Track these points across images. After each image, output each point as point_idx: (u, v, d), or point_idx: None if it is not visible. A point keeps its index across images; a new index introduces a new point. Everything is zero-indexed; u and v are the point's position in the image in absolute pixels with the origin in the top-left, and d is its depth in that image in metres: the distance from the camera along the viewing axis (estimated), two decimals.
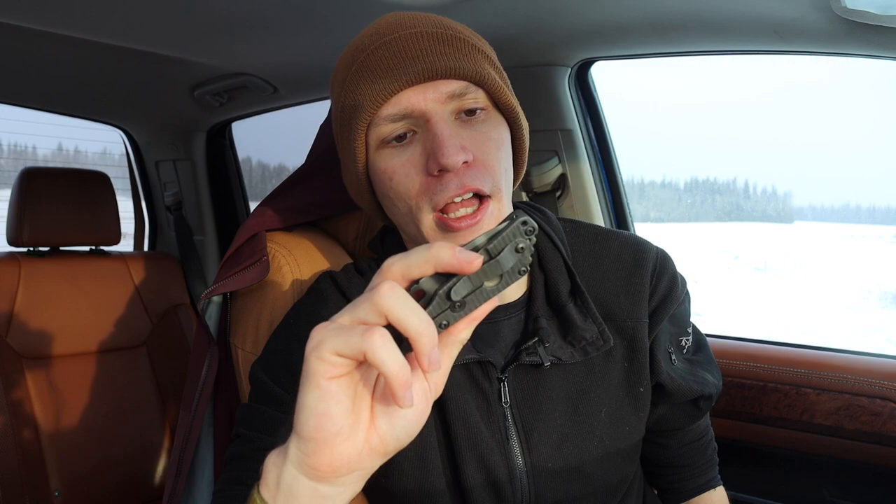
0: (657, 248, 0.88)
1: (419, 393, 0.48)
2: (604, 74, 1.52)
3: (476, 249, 0.48)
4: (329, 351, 0.45)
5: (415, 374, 0.47)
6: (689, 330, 0.90)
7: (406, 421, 0.48)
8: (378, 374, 0.48)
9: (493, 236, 0.48)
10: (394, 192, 0.74)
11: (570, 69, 1.43)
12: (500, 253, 0.48)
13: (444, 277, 0.47)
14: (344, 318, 0.46)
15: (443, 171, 0.70)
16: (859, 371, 1.21)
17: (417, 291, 0.47)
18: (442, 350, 0.48)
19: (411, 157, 0.72)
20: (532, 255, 0.50)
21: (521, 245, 0.48)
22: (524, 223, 0.48)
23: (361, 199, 0.83)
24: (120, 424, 1.87)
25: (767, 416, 1.28)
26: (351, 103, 0.74)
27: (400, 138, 0.73)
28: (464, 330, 0.49)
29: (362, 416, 0.48)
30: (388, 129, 0.73)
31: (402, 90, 0.71)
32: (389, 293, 0.44)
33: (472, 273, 0.46)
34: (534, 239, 0.49)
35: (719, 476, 0.97)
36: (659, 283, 0.84)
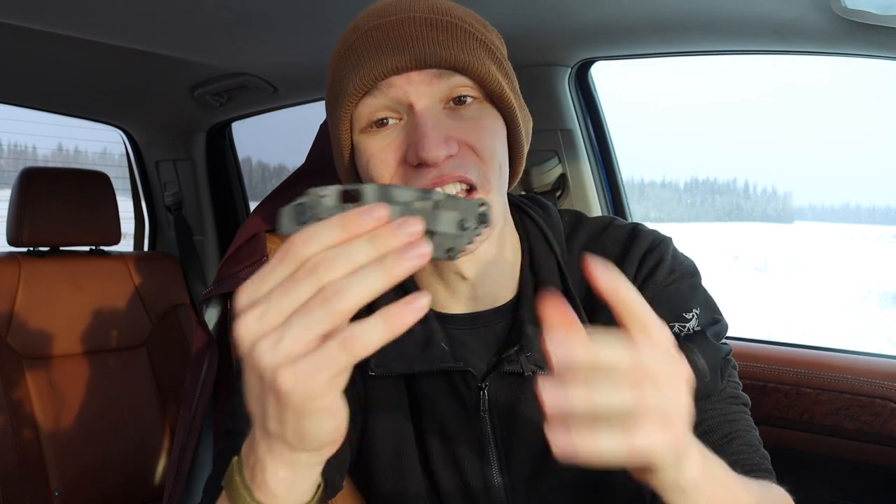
0: (655, 235, 0.82)
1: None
2: (604, 74, 1.52)
3: (425, 199, 0.44)
4: (317, 384, 0.43)
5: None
6: (689, 315, 0.80)
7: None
8: None
9: (450, 197, 0.44)
10: (368, 176, 0.71)
11: (570, 69, 1.43)
12: (441, 210, 0.44)
13: None
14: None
15: (421, 164, 0.66)
16: (859, 371, 1.21)
17: None
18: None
19: (391, 143, 0.69)
20: (468, 246, 0.45)
21: (467, 224, 0.44)
22: (482, 204, 0.44)
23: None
24: (120, 424, 1.86)
25: (768, 416, 1.28)
26: (338, 86, 0.72)
27: (381, 123, 0.70)
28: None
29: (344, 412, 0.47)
30: (369, 110, 0.69)
31: (387, 77, 0.68)
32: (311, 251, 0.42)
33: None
34: (481, 231, 0.44)
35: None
36: (642, 265, 0.78)
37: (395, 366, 0.76)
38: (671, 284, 0.79)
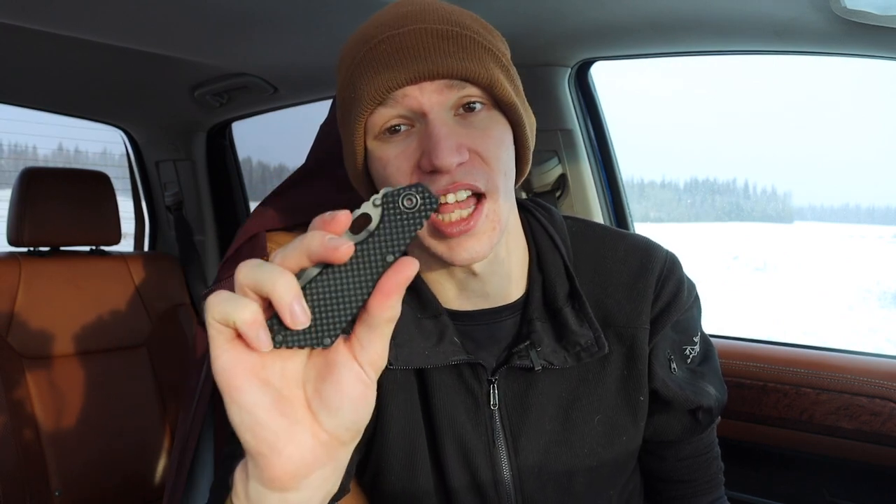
0: (667, 251, 0.85)
1: (351, 378, 0.44)
2: (604, 74, 1.52)
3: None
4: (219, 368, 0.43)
5: (345, 359, 0.45)
6: (696, 339, 0.86)
7: (346, 409, 0.45)
8: (304, 371, 0.46)
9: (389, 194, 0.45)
10: (384, 181, 0.73)
11: (570, 69, 1.43)
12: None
13: None
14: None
15: (435, 171, 0.68)
16: (859, 371, 1.21)
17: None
18: (371, 331, 0.44)
19: (406, 150, 0.71)
20: (411, 238, 0.44)
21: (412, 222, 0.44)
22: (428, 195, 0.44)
23: (362, 190, 0.81)
24: (120, 424, 1.87)
25: (767, 416, 1.28)
26: (351, 95, 0.73)
27: (394, 130, 0.72)
28: (378, 307, 0.43)
29: (297, 415, 0.45)
30: (383, 118, 0.71)
31: (400, 87, 0.70)
32: (243, 268, 0.43)
33: (343, 261, 0.42)
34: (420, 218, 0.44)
35: (725, 498, 0.91)
36: (664, 289, 0.81)
37: (413, 360, 0.78)
38: (688, 310, 0.84)
